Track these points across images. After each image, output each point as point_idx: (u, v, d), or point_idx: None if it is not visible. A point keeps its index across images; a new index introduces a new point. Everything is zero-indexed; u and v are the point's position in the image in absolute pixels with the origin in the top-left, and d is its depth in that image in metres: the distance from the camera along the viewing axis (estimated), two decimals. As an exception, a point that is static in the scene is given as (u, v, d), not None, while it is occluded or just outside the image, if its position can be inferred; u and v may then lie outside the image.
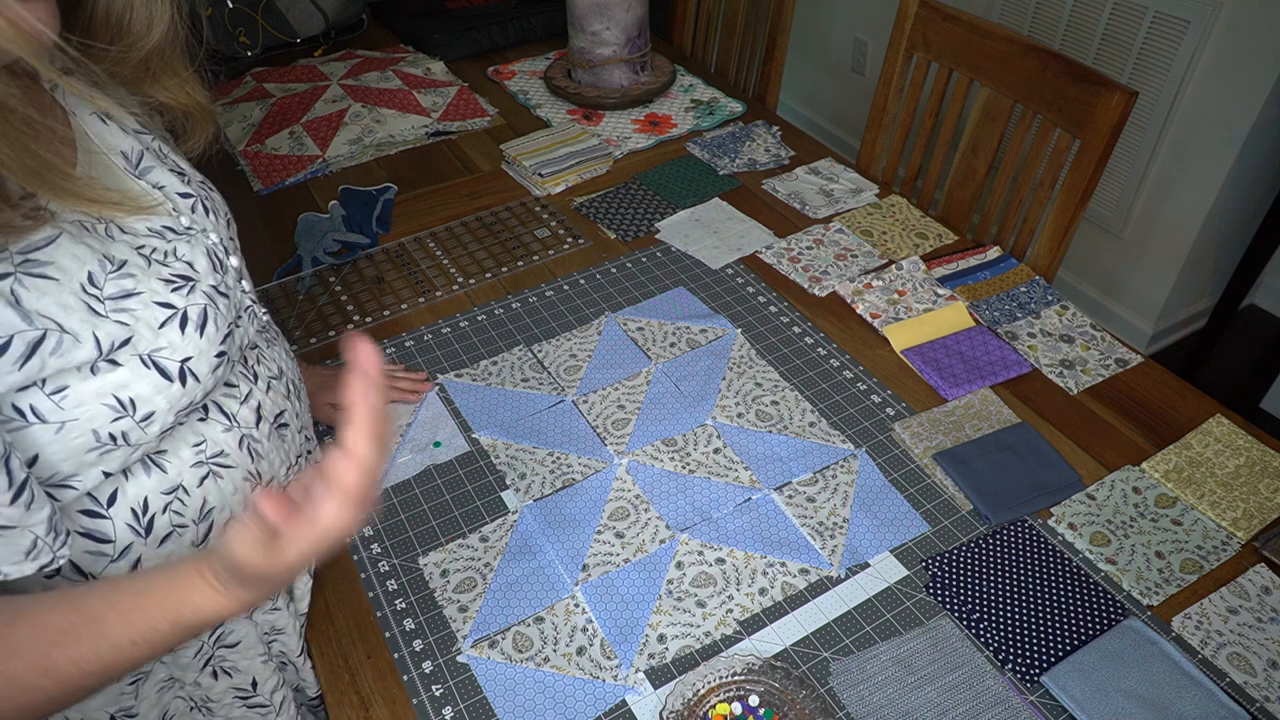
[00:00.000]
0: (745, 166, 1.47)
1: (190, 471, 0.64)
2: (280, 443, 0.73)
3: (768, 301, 1.19)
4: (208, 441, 0.65)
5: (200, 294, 0.63)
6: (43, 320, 0.52)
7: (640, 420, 1.02)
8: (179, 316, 0.61)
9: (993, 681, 0.76)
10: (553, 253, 1.30)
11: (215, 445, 0.66)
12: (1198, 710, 0.73)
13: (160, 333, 0.59)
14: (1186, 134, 1.95)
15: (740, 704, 0.74)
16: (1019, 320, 1.14)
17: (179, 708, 0.74)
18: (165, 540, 0.64)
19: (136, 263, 0.60)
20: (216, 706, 0.76)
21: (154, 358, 0.58)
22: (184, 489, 0.64)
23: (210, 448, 0.65)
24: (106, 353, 0.56)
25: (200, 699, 0.75)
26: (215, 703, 0.76)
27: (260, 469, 0.70)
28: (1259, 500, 0.89)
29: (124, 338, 0.57)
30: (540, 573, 0.86)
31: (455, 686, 0.77)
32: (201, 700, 0.75)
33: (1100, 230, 2.22)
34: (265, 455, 0.70)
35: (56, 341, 0.53)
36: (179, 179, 0.70)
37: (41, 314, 0.52)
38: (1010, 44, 1.30)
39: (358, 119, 1.59)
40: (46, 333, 0.52)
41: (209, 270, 0.65)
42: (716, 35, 1.90)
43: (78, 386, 0.55)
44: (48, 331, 0.53)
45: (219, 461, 0.66)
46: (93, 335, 0.55)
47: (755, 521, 0.90)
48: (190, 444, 0.64)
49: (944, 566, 0.85)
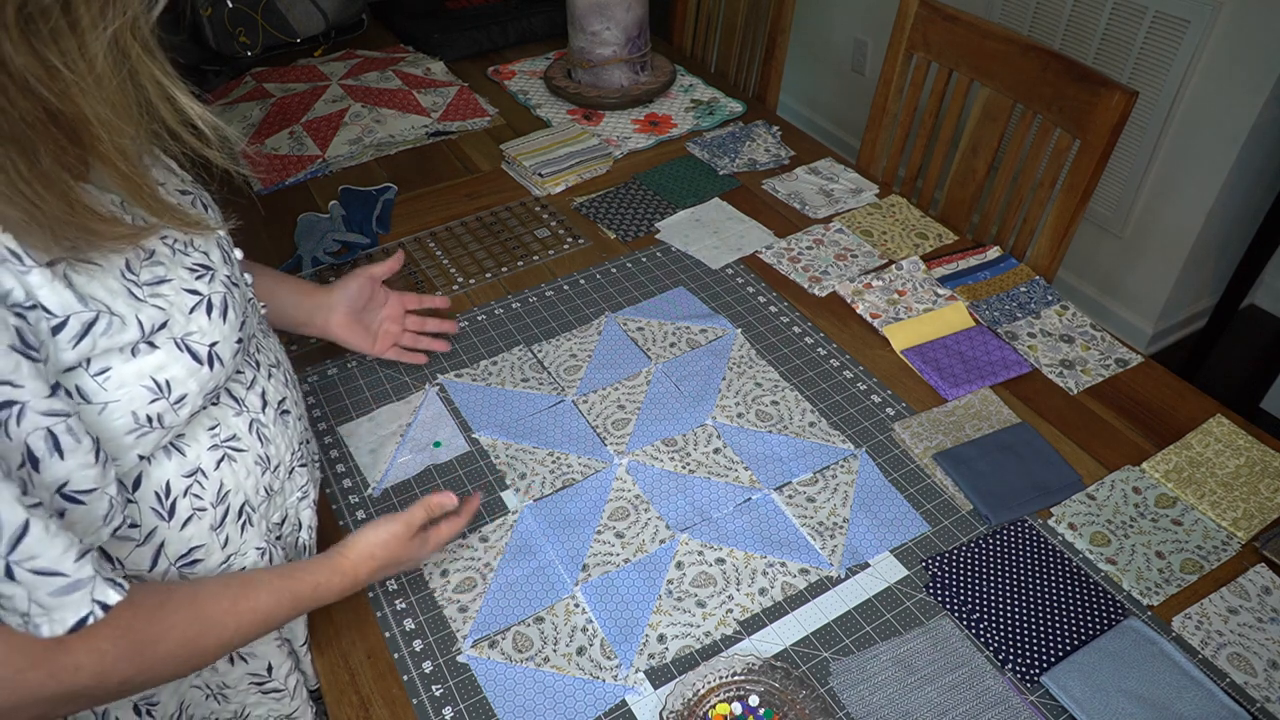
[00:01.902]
0: (745, 166, 1.47)
1: (208, 455, 0.66)
2: (284, 428, 0.75)
3: (768, 301, 1.19)
4: (221, 425, 0.67)
5: (219, 282, 0.65)
6: (95, 303, 0.55)
7: (640, 420, 1.02)
8: (204, 303, 0.63)
9: (993, 681, 0.76)
10: (553, 253, 1.30)
11: (229, 429, 0.68)
12: (1198, 710, 0.73)
13: (191, 317, 0.61)
14: (1186, 134, 1.95)
15: (740, 704, 0.74)
16: (1019, 320, 1.14)
17: (195, 697, 0.75)
18: (186, 523, 0.65)
19: (163, 252, 0.62)
20: (232, 693, 0.77)
21: (186, 341, 0.61)
22: (202, 472, 0.66)
23: (224, 431, 0.67)
24: (146, 334, 0.58)
25: (217, 685, 0.76)
26: (231, 689, 0.77)
27: (269, 453, 0.72)
28: (1259, 500, 0.89)
29: (161, 321, 0.59)
30: (540, 573, 0.86)
31: (455, 686, 0.77)
32: (218, 687, 0.76)
33: (1100, 230, 2.21)
34: (272, 440, 0.72)
35: (107, 324, 0.55)
36: (175, 177, 0.71)
37: (93, 297, 0.55)
38: (1010, 44, 1.30)
39: (358, 119, 1.59)
40: (99, 314, 0.55)
41: (221, 261, 0.67)
42: (716, 35, 1.90)
43: (119, 368, 0.57)
44: (99, 314, 0.55)
45: (233, 445, 0.68)
46: (136, 319, 0.57)
47: (755, 521, 0.90)
48: (206, 428, 0.66)
49: (944, 566, 0.85)
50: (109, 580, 0.54)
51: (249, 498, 0.70)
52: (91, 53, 0.49)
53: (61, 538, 0.50)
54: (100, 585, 0.53)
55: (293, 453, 0.76)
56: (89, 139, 0.53)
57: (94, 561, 0.53)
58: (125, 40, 0.51)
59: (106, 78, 0.50)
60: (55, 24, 0.47)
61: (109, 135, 0.53)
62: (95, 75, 0.50)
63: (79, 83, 0.49)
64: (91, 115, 0.51)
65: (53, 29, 0.47)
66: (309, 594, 0.70)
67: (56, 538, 0.50)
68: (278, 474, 0.74)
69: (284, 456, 0.74)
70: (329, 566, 0.72)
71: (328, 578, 0.71)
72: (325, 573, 0.71)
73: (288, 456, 0.75)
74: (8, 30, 0.46)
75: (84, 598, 0.52)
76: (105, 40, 0.49)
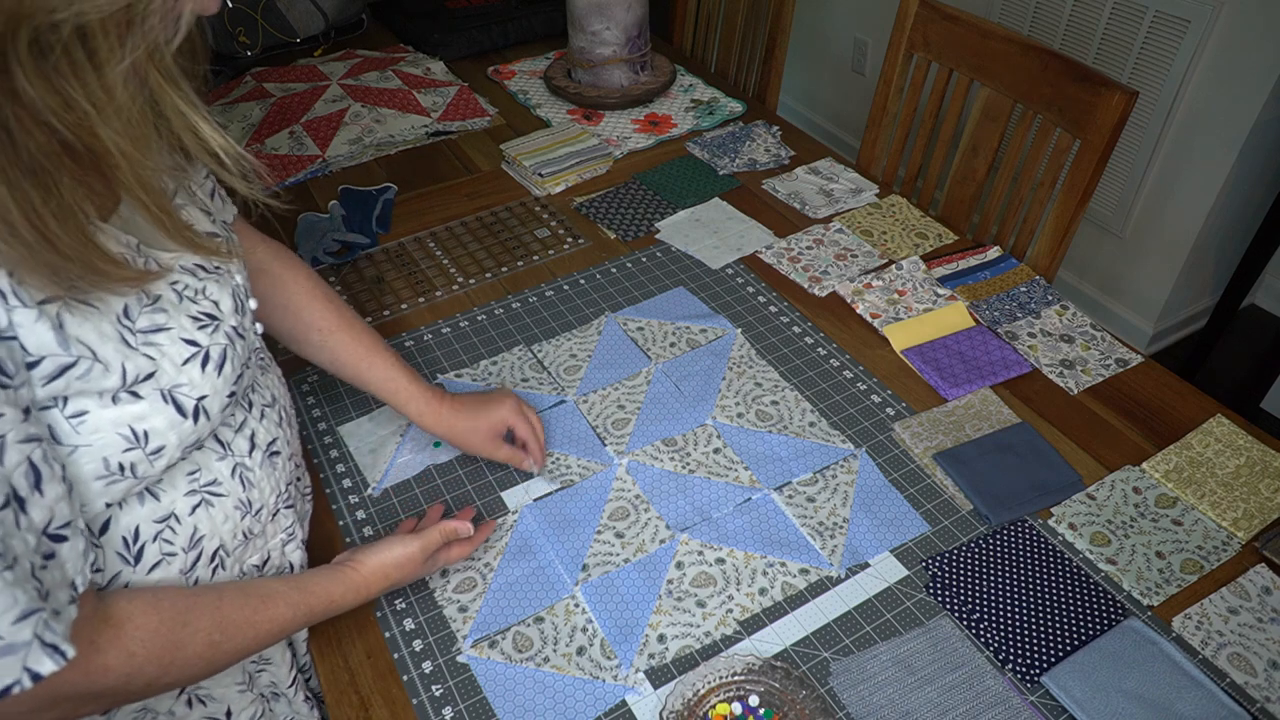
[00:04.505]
0: (745, 166, 1.47)
1: (183, 500, 0.64)
2: (271, 470, 0.72)
3: (768, 301, 1.19)
4: (202, 470, 0.65)
5: (223, 334, 0.63)
6: (79, 347, 0.53)
7: (640, 420, 1.02)
8: (202, 355, 0.61)
9: (993, 681, 0.76)
10: (553, 253, 1.30)
11: (209, 474, 0.65)
12: (1198, 710, 0.73)
13: (182, 369, 0.59)
14: (1186, 134, 1.95)
15: (740, 704, 0.74)
16: (1019, 320, 1.14)
17: None
18: (154, 568, 0.63)
19: (169, 298, 0.60)
20: None
21: (173, 393, 0.59)
22: (175, 517, 0.63)
23: (205, 476, 0.65)
24: (129, 384, 0.56)
25: None
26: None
27: (250, 497, 0.69)
28: (1259, 500, 0.89)
29: (149, 371, 0.57)
30: (540, 573, 0.86)
31: (455, 686, 0.77)
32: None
33: (1100, 230, 2.21)
34: (256, 484, 0.70)
35: (86, 368, 0.53)
36: (206, 218, 0.70)
37: (80, 340, 0.53)
38: (1010, 44, 1.30)
39: (358, 119, 1.59)
40: (78, 360, 0.53)
41: (232, 311, 0.65)
42: (716, 35, 1.90)
43: (96, 413, 0.55)
44: (79, 359, 0.53)
45: (211, 490, 0.66)
46: (121, 366, 0.55)
47: (755, 521, 0.90)
48: (185, 473, 0.64)
49: (944, 566, 0.85)
50: (49, 647, 0.49)
51: (224, 542, 0.68)
52: (110, 84, 0.47)
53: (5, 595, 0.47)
54: (36, 652, 0.48)
55: (278, 495, 0.74)
56: (109, 170, 0.52)
57: (37, 625, 0.48)
58: (145, 70, 0.49)
59: (126, 109, 0.49)
60: (73, 56, 0.45)
61: (130, 166, 0.51)
62: (115, 106, 0.48)
63: (98, 115, 0.48)
64: (112, 146, 0.50)
65: (70, 61, 0.46)
66: (322, 608, 0.72)
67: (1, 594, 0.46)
68: (259, 517, 0.71)
69: (268, 500, 0.72)
70: (343, 581, 0.74)
71: (342, 593, 0.73)
72: (340, 588, 0.73)
73: (272, 499, 0.73)
74: (21, 63, 0.44)
75: (14, 664, 0.48)
76: (124, 71, 0.47)
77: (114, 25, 0.46)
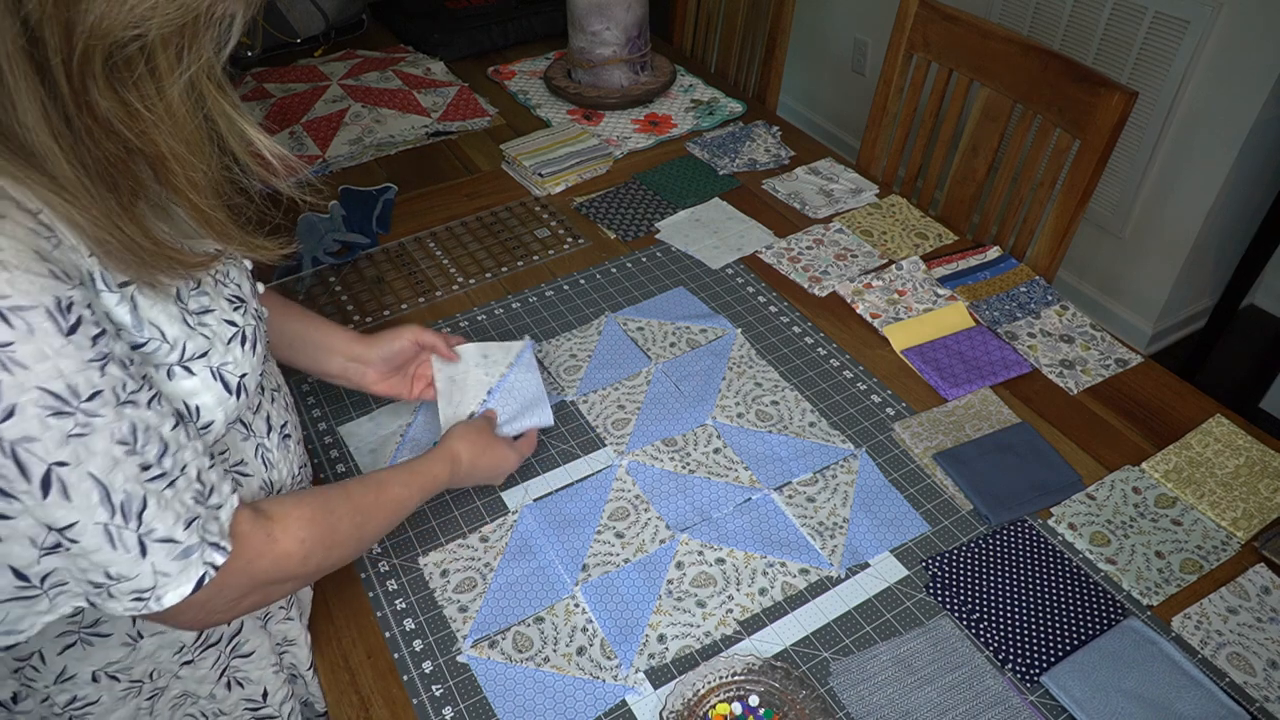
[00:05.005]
0: (745, 166, 1.47)
1: None
2: (286, 452, 0.75)
3: (768, 301, 1.19)
4: (231, 450, 0.67)
5: (250, 315, 0.66)
6: (151, 329, 0.57)
7: (640, 420, 1.02)
8: (240, 334, 0.64)
9: (993, 681, 0.76)
10: (553, 253, 1.30)
11: (237, 454, 0.68)
12: (1198, 710, 0.73)
13: (228, 348, 0.63)
14: (1186, 134, 1.95)
15: (740, 704, 0.74)
16: (1019, 320, 1.14)
17: None
18: None
19: (208, 282, 0.64)
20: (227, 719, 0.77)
21: (221, 371, 0.62)
22: None
23: (233, 456, 0.68)
24: (184, 359, 0.60)
25: (212, 712, 0.76)
26: (226, 715, 0.77)
27: (272, 478, 0.72)
28: (1259, 500, 0.89)
29: (204, 350, 0.61)
30: (540, 573, 0.86)
31: (455, 686, 0.77)
32: (214, 714, 0.76)
33: (1100, 230, 2.21)
34: (275, 465, 0.73)
35: (155, 348, 0.58)
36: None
37: (152, 322, 0.57)
38: (1010, 44, 1.30)
39: (358, 119, 1.59)
40: (149, 340, 0.57)
41: (250, 294, 0.69)
42: (716, 35, 1.90)
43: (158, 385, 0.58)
44: (150, 339, 0.57)
45: (240, 470, 0.68)
46: (183, 345, 0.59)
47: (755, 521, 0.90)
48: (217, 453, 0.66)
49: (944, 566, 0.85)
50: (213, 545, 0.59)
51: None
52: (169, 95, 0.52)
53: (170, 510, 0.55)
54: (207, 550, 0.58)
55: (293, 477, 0.77)
56: (164, 173, 0.56)
57: (200, 529, 0.58)
58: (200, 81, 0.54)
59: (182, 116, 0.54)
60: (138, 71, 0.50)
61: (183, 169, 0.55)
62: (172, 115, 0.53)
63: (157, 123, 0.52)
64: (167, 151, 0.54)
65: (135, 75, 0.50)
66: (431, 485, 0.83)
67: (166, 510, 0.55)
68: None
69: (285, 481, 0.75)
70: (441, 456, 0.85)
71: (441, 468, 0.84)
72: (439, 464, 0.84)
73: (289, 481, 0.76)
74: (95, 79, 0.49)
75: (197, 561, 0.57)
76: (183, 83, 0.52)
77: (175, 37, 0.50)
